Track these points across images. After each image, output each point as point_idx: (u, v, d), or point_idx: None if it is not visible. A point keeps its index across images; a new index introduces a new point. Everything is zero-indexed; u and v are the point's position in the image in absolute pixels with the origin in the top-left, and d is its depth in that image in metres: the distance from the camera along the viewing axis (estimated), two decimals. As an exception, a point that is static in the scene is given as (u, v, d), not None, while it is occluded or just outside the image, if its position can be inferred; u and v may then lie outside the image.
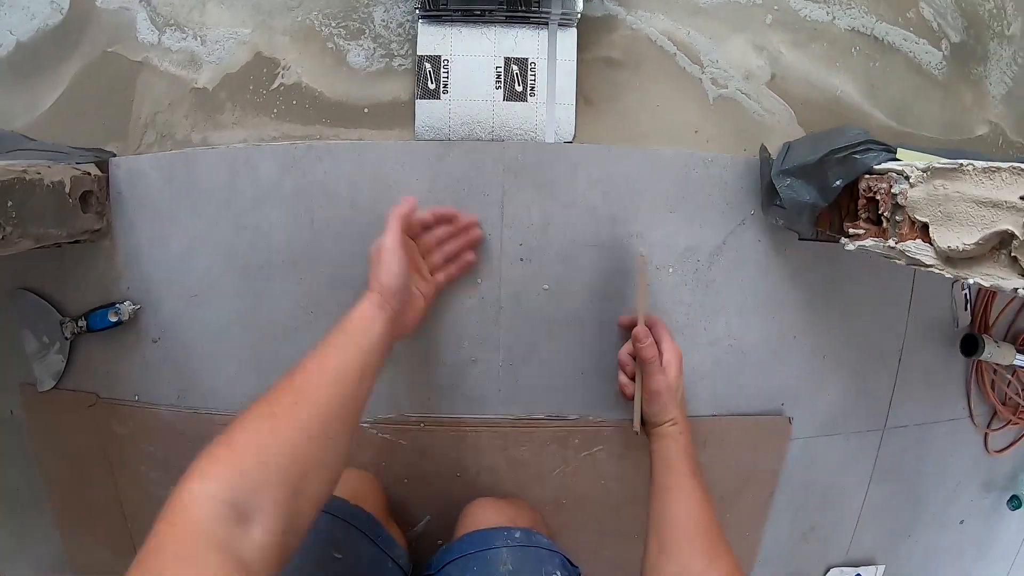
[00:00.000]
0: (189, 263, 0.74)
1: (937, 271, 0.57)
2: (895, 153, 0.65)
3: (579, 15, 0.69)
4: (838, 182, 0.66)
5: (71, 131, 0.76)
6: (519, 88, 0.71)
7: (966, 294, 0.87)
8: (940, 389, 0.89)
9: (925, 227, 0.58)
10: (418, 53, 0.71)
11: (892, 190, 0.61)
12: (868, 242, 0.64)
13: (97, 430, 0.79)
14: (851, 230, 0.67)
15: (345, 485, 0.69)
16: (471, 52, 0.71)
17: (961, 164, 0.54)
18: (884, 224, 0.62)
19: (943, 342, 0.87)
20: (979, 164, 0.53)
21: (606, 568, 0.84)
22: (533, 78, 0.71)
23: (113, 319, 0.74)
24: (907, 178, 0.59)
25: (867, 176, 0.65)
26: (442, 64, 0.72)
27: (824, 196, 0.67)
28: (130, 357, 0.77)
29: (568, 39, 0.71)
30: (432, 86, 0.72)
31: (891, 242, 0.61)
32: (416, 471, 0.78)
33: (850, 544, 0.92)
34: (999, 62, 0.84)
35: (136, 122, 0.75)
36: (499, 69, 0.71)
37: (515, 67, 0.71)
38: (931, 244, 0.57)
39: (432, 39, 0.71)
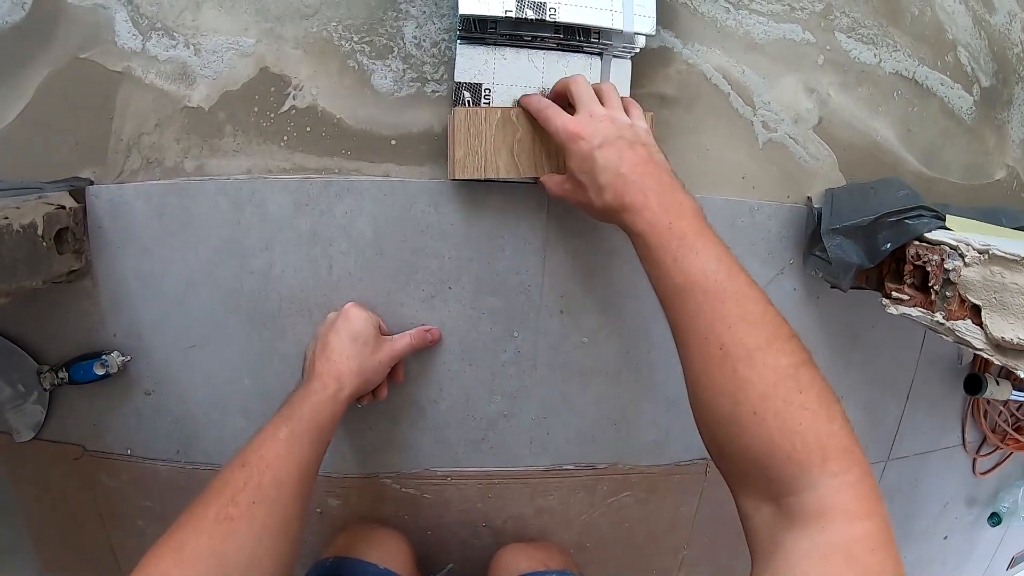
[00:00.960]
0: (185, 308, 0.70)
1: (986, 356, 0.61)
2: (944, 220, 0.69)
3: (638, 49, 0.67)
4: (887, 246, 0.69)
5: (37, 152, 0.68)
6: (566, 126, 0.69)
7: (973, 332, 0.95)
8: (940, 421, 0.98)
9: (976, 309, 0.62)
10: (456, 79, 0.68)
11: (945, 265, 0.65)
12: (914, 312, 0.68)
13: (85, 483, 0.75)
14: (895, 293, 0.71)
15: (374, 548, 0.70)
16: (516, 81, 0.68)
17: (1023, 257, 0.57)
18: (932, 296, 0.66)
19: (947, 376, 0.95)
20: (1041, 262, 0.57)
21: (625, 604, 0.89)
22: (582, 115, 0.69)
23: (100, 372, 0.69)
24: (962, 256, 0.63)
25: (916, 242, 0.68)
26: (483, 93, 0.68)
27: (872, 258, 0.70)
28: (120, 409, 0.73)
29: (622, 72, 0.69)
30: (470, 119, 0.68)
31: (939, 316, 0.65)
32: (440, 522, 0.79)
33: (846, 565, 1.01)
34: (1021, 106, 0.89)
35: (117, 144, 0.68)
36: (547, 103, 0.69)
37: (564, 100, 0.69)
38: (982, 328, 0.61)
39: (472, 63, 0.68)
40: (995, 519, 1.06)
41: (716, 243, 0.50)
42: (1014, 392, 0.94)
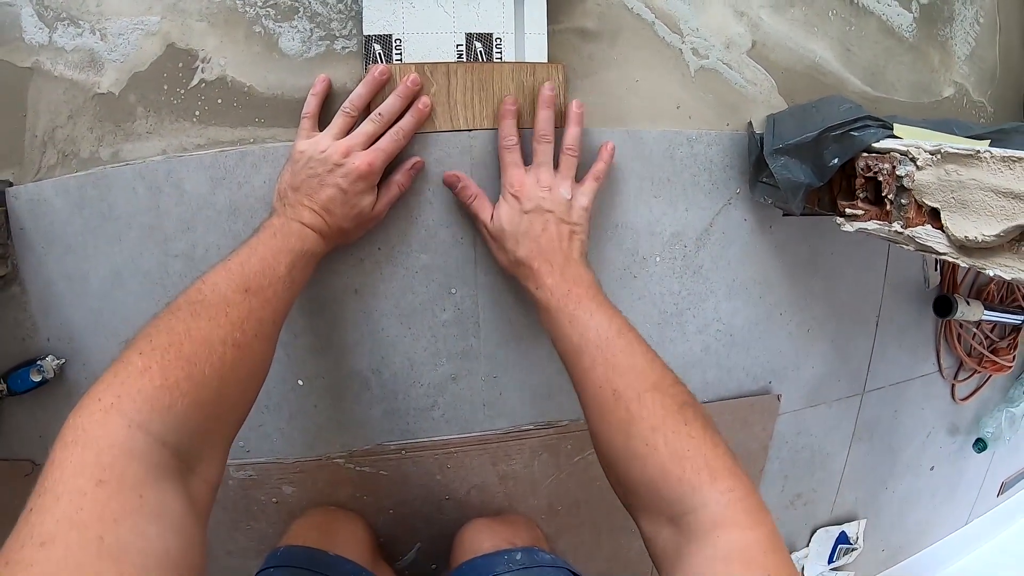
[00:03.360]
0: (115, 303, 0.61)
1: (951, 260, 0.51)
2: (892, 129, 0.59)
3: (547, -17, 0.58)
4: (835, 160, 0.59)
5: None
6: (484, 70, 0.60)
7: (937, 255, 0.84)
8: (913, 348, 0.88)
9: (935, 212, 0.52)
10: (365, 33, 0.59)
11: (897, 171, 0.55)
12: (870, 225, 0.58)
13: (38, 498, 0.66)
14: (848, 210, 0.61)
15: (327, 535, 0.61)
16: (427, 29, 0.60)
17: (978, 151, 0.48)
18: (887, 206, 0.56)
19: (915, 303, 0.85)
20: (997, 152, 0.47)
21: (605, 564, 0.79)
22: (499, 56, 0.60)
23: (36, 379, 0.61)
24: (914, 160, 0.53)
25: (865, 154, 0.58)
26: (394, 44, 0.59)
27: (820, 175, 0.60)
28: (63, 417, 0.63)
29: (537, 8, 0.60)
30: (383, 73, 0.59)
31: (897, 226, 0.55)
32: (401, 499, 0.70)
33: (834, 503, 0.91)
34: (963, 22, 0.79)
35: (32, 141, 0.60)
36: (460, 48, 0.60)
37: (478, 44, 0.60)
38: (943, 231, 0.51)
39: (380, 15, 0.59)
40: (980, 445, 0.95)
41: (608, 307, 0.52)
42: (986, 312, 0.84)
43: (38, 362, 0.62)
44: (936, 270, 0.86)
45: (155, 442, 0.32)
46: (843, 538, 0.91)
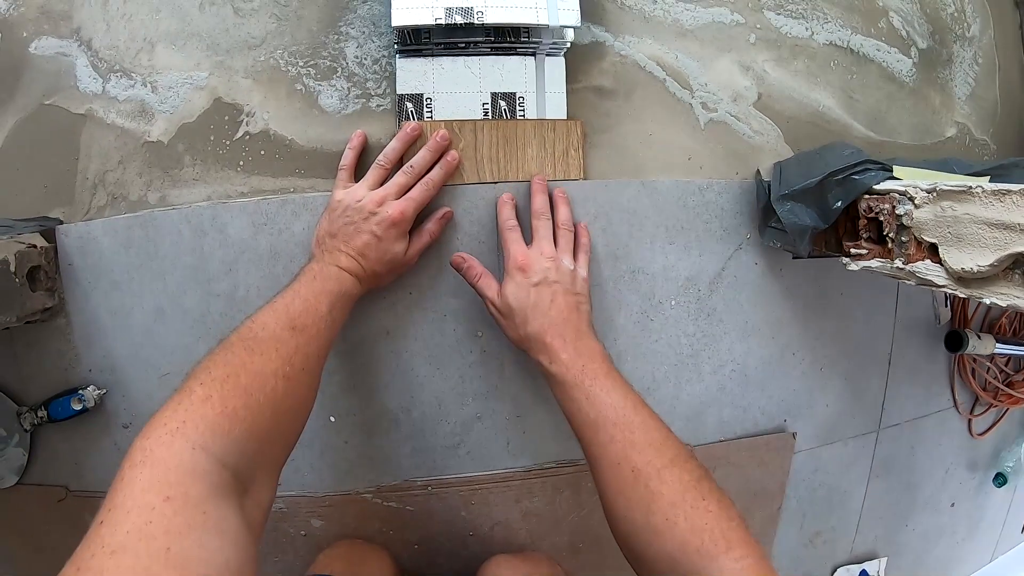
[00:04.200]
0: (156, 338, 0.67)
1: (950, 291, 0.56)
2: (892, 171, 0.64)
3: (568, 44, 0.65)
4: (838, 204, 0.65)
5: (8, 197, 0.66)
6: (508, 125, 0.67)
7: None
8: (926, 384, 0.91)
9: (934, 247, 0.58)
10: (398, 92, 0.66)
11: (896, 211, 0.60)
12: (874, 263, 0.63)
13: (72, 525, 0.70)
14: (853, 250, 0.66)
15: (349, 565, 0.64)
16: (455, 88, 0.66)
17: (970, 187, 0.53)
18: (889, 244, 0.62)
19: (927, 339, 0.89)
20: (988, 186, 0.52)
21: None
22: (522, 113, 0.67)
23: (77, 407, 0.66)
24: (912, 199, 0.59)
25: (867, 196, 0.64)
26: (425, 103, 0.66)
27: (824, 218, 0.66)
28: (100, 445, 0.69)
29: (557, 70, 0.67)
30: (415, 128, 0.66)
31: (898, 263, 0.61)
32: (426, 534, 0.73)
33: (854, 542, 0.93)
34: (962, 64, 0.85)
35: (83, 183, 0.67)
36: (486, 106, 0.67)
37: (503, 102, 0.67)
38: (942, 265, 0.56)
39: (412, 76, 0.66)
40: (1000, 480, 0.97)
41: (622, 382, 0.55)
42: (998, 345, 0.88)
43: (80, 391, 0.66)
44: (946, 306, 0.91)
45: (216, 464, 0.36)
46: (865, 577, 0.93)
